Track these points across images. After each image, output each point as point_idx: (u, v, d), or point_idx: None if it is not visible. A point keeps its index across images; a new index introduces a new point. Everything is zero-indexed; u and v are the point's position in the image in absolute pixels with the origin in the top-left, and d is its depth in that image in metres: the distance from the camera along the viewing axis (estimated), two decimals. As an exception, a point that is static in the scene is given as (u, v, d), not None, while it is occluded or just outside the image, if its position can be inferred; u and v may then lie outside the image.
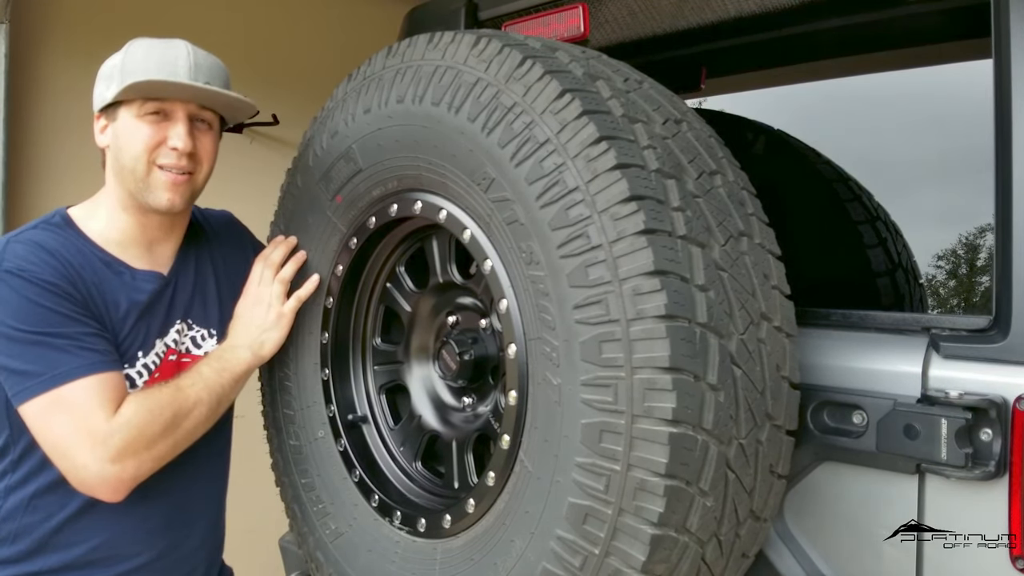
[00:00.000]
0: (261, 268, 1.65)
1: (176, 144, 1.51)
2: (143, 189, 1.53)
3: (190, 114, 1.53)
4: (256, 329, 1.61)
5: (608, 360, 1.10)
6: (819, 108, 2.74)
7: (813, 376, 1.38)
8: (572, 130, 1.16)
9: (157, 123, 1.52)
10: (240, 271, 1.77)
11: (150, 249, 1.62)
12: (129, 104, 1.52)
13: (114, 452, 1.39)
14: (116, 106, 1.53)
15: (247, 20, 3.32)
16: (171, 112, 1.52)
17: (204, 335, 1.67)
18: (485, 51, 1.29)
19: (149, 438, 1.42)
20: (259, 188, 1.51)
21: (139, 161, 1.52)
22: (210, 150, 1.59)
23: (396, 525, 1.47)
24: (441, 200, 1.37)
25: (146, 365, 1.56)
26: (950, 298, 2.70)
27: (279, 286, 1.62)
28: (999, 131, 1.27)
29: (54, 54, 2.78)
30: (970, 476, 1.22)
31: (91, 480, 1.40)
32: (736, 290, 1.19)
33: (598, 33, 2.10)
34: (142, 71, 1.48)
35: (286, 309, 1.62)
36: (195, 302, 1.67)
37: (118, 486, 1.42)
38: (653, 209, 1.12)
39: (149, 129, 1.51)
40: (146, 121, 1.51)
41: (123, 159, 1.53)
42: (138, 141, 1.51)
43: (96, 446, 1.38)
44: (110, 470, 1.39)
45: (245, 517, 2.54)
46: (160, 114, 1.52)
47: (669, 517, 1.10)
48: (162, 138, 1.51)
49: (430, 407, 1.61)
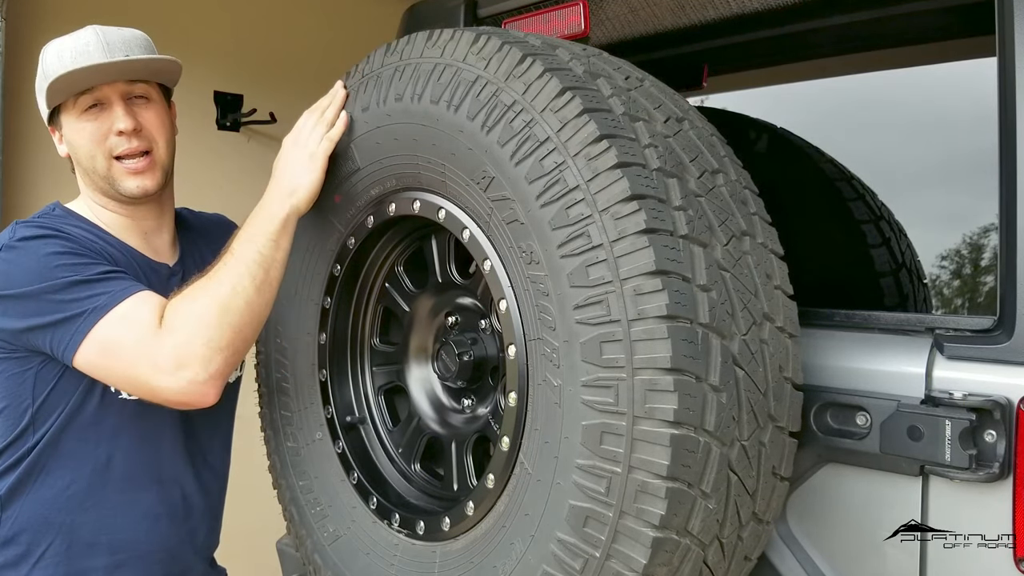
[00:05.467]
0: (314, 118, 1.51)
1: (119, 126, 1.51)
2: (111, 183, 1.55)
3: (123, 94, 1.53)
4: (289, 173, 1.48)
5: (609, 361, 1.09)
6: (822, 106, 2.73)
7: (816, 377, 1.37)
8: (572, 128, 1.15)
9: (97, 116, 1.52)
10: None
11: (147, 240, 1.63)
12: (66, 108, 1.53)
13: (175, 363, 1.34)
14: (57, 115, 1.55)
15: (244, 17, 3.32)
16: (105, 99, 1.52)
17: None
18: (484, 48, 1.28)
19: (203, 335, 1.35)
20: (256, 186, 1.50)
21: (95, 159, 1.54)
22: (158, 123, 1.58)
23: (395, 527, 1.46)
24: (440, 199, 1.36)
25: None
26: (954, 298, 2.69)
27: (327, 143, 1.48)
28: (1003, 130, 1.25)
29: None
30: (974, 478, 1.21)
31: (177, 397, 1.37)
32: (738, 290, 1.18)
33: (599, 31, 2.09)
34: (61, 70, 1.48)
35: (319, 150, 1.48)
36: None
37: (204, 389, 1.36)
38: (654, 208, 1.11)
39: (91, 124, 1.52)
40: (86, 118, 1.52)
41: (81, 161, 1.56)
42: (86, 139, 1.53)
43: (159, 367, 1.35)
44: (184, 381, 1.34)
45: (243, 519, 2.54)
46: (97, 106, 1.52)
47: (671, 519, 1.09)
48: (107, 128, 1.52)
49: (429, 408, 1.60)
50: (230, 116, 3.29)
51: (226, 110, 3.28)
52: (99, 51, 1.50)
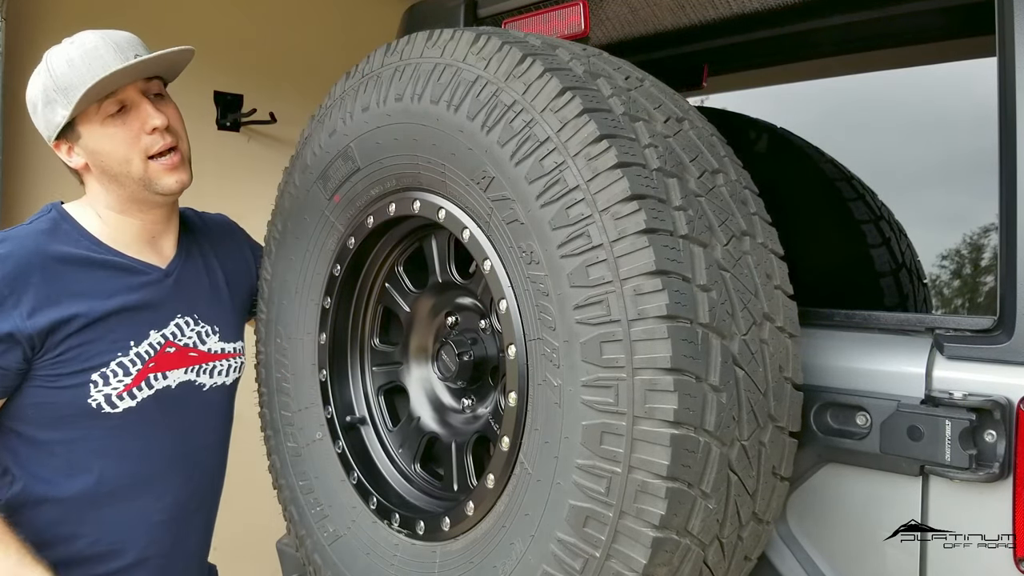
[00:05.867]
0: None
1: (154, 123, 1.51)
2: (147, 185, 1.54)
3: (143, 91, 1.52)
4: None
5: (609, 361, 1.09)
6: (822, 106, 2.72)
7: (816, 377, 1.37)
8: (572, 128, 1.15)
9: (124, 119, 1.51)
10: (240, 271, 1.78)
11: (152, 244, 1.63)
12: (86, 116, 1.50)
13: None
14: (72, 126, 1.51)
15: (244, 17, 3.31)
16: (128, 100, 1.51)
17: (208, 331, 1.68)
18: (484, 48, 1.28)
19: None
20: (256, 187, 1.51)
21: (130, 162, 1.52)
22: (177, 117, 1.59)
23: (395, 528, 1.46)
24: (440, 199, 1.36)
25: (139, 354, 1.56)
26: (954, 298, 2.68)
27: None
28: (1003, 130, 1.25)
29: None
30: (974, 478, 1.21)
31: None
32: (738, 290, 1.17)
33: (599, 31, 2.09)
34: (80, 79, 1.45)
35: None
36: (201, 298, 1.68)
37: None
38: (654, 208, 1.11)
39: (120, 129, 1.51)
40: (113, 123, 1.50)
41: (112, 167, 1.53)
42: (120, 144, 1.51)
43: None
44: None
45: (242, 519, 2.54)
46: (121, 109, 1.51)
47: (671, 519, 1.08)
48: (138, 128, 1.51)
49: (429, 408, 1.60)
50: (230, 116, 3.28)
51: (226, 110, 3.28)
52: (111, 53, 1.47)
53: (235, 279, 1.77)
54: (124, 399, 1.54)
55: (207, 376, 1.67)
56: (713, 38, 2.11)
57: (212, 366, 1.68)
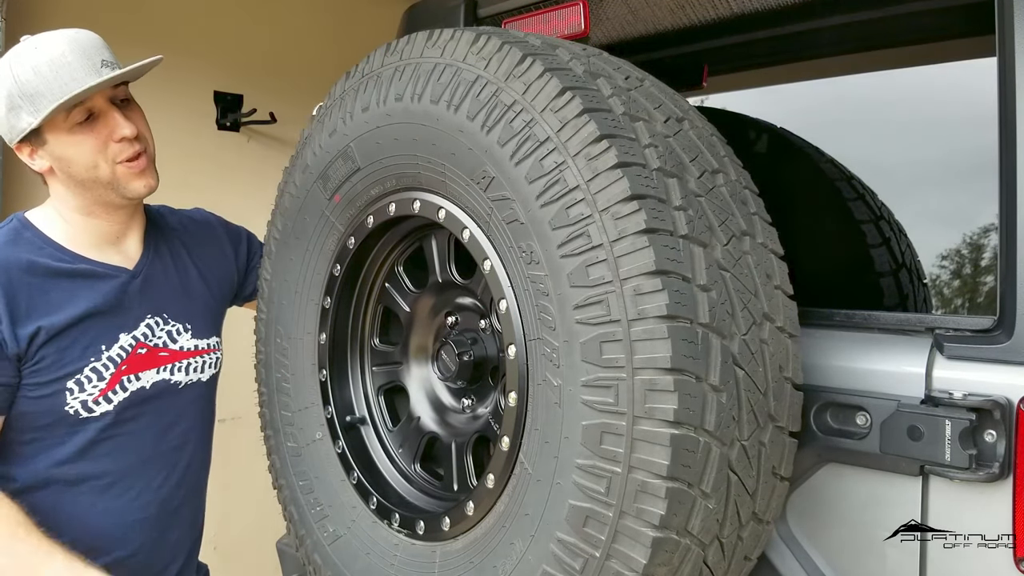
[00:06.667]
0: None
1: (124, 133, 1.51)
2: (114, 188, 1.54)
3: (110, 98, 1.53)
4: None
5: (609, 361, 1.09)
6: (822, 106, 2.72)
7: (816, 377, 1.37)
8: (572, 128, 1.15)
9: (92, 127, 1.51)
10: (217, 265, 1.79)
11: (117, 244, 1.63)
12: (53, 124, 1.49)
13: None
14: (37, 132, 1.50)
15: (244, 17, 3.31)
16: (97, 109, 1.51)
17: (179, 329, 1.68)
18: (484, 48, 1.27)
19: None
20: (256, 187, 1.51)
21: (97, 168, 1.52)
22: (143, 121, 1.59)
23: (395, 528, 1.46)
24: (440, 199, 1.36)
25: (111, 358, 1.57)
26: (954, 298, 2.68)
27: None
28: (1003, 130, 1.25)
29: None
30: (974, 478, 1.21)
31: None
32: (738, 290, 1.17)
33: (599, 31, 2.09)
34: (47, 89, 1.45)
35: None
36: (170, 297, 1.68)
37: None
38: (654, 208, 1.11)
39: (89, 136, 1.51)
40: (81, 131, 1.50)
41: (78, 173, 1.53)
42: (87, 151, 1.51)
43: None
44: None
45: (243, 519, 2.54)
46: (90, 117, 1.50)
47: (670, 519, 1.08)
48: (106, 136, 1.51)
49: (429, 408, 1.60)
50: (230, 116, 3.28)
51: (226, 110, 3.28)
52: (79, 60, 1.47)
53: (211, 272, 1.78)
54: (100, 403, 1.55)
55: (182, 373, 1.68)
56: (713, 38, 2.11)
57: (187, 363, 1.69)
